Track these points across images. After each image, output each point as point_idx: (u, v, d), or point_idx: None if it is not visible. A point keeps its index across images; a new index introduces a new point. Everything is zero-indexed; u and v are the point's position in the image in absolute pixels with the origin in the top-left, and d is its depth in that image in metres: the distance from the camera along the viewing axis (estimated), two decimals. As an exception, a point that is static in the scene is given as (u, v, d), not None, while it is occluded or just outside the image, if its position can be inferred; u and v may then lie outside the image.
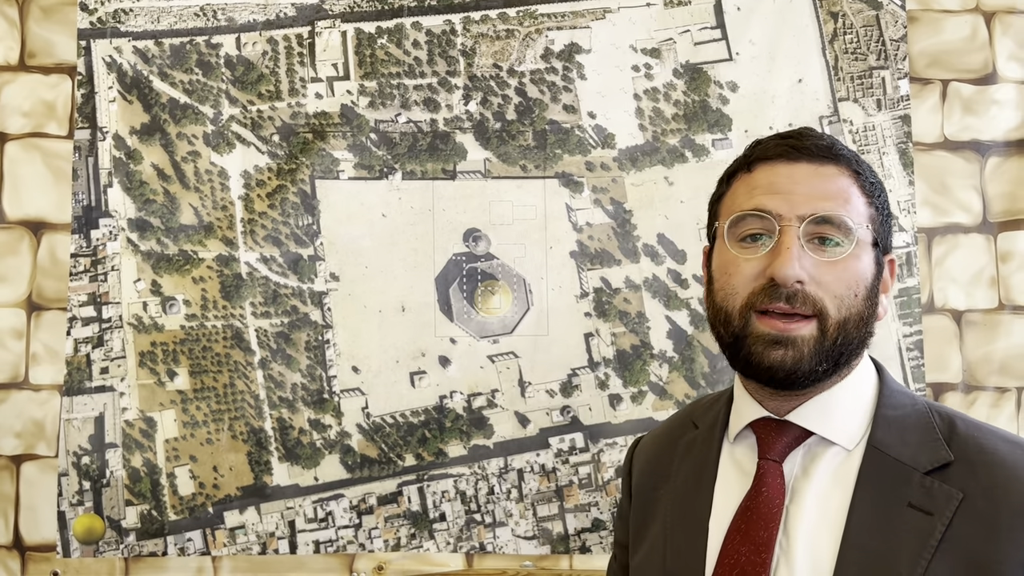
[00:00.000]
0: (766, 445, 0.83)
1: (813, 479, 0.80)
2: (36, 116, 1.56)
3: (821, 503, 0.79)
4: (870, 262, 0.81)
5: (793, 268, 0.77)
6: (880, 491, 0.77)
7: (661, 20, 1.57)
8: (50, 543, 1.51)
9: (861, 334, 0.80)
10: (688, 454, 0.91)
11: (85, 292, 1.54)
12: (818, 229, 0.79)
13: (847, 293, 0.79)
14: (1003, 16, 1.56)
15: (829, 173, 0.81)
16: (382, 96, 1.57)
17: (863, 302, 0.80)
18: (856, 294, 0.79)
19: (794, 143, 0.83)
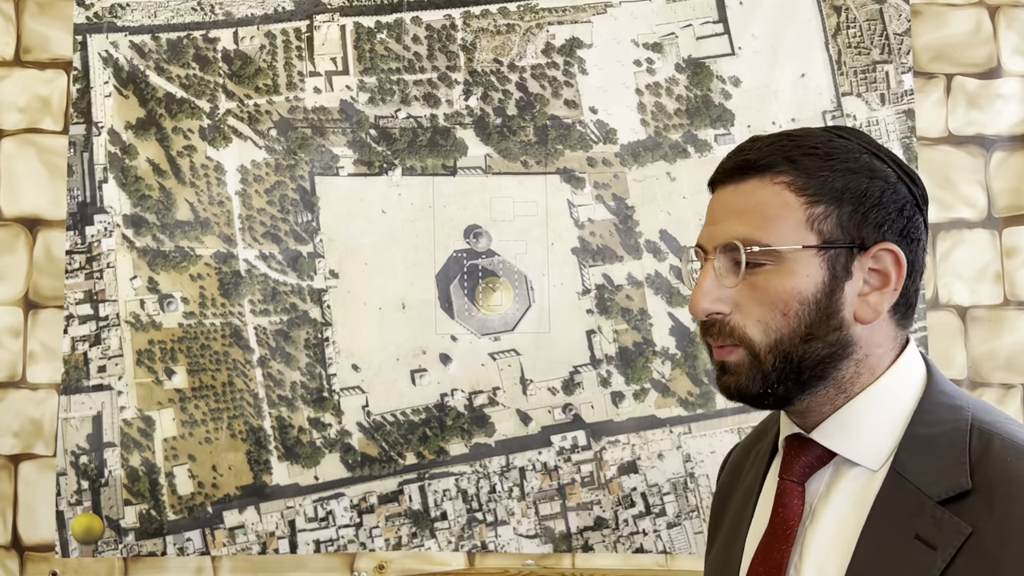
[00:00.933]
0: (787, 464, 0.80)
1: (832, 500, 0.77)
2: (31, 111, 1.54)
3: (837, 526, 0.76)
4: (811, 271, 0.75)
5: (701, 303, 0.77)
6: (892, 519, 0.72)
7: (663, 14, 1.56)
8: (49, 543, 1.50)
9: (815, 350, 0.75)
10: (752, 466, 0.90)
11: (81, 290, 1.53)
12: (733, 255, 0.76)
13: (771, 315, 0.75)
14: (1007, 10, 1.55)
15: (748, 190, 0.78)
16: (382, 91, 1.56)
17: (798, 319, 0.74)
18: (785, 313, 0.75)
19: (724, 163, 0.81)
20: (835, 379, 0.76)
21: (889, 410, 0.76)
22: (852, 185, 0.75)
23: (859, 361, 0.76)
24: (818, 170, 0.76)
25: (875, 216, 0.75)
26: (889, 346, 0.77)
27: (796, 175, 0.76)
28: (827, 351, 0.75)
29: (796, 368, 0.75)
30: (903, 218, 0.76)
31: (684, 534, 1.51)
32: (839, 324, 0.75)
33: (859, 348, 0.76)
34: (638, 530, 1.51)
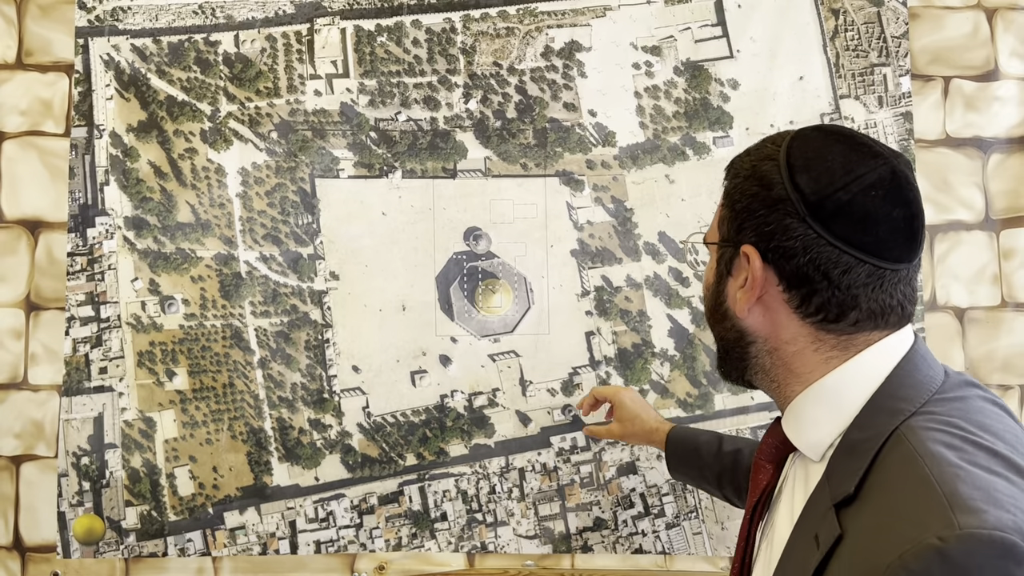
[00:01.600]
0: (761, 445, 0.89)
1: (789, 483, 0.85)
2: (33, 114, 1.55)
3: (789, 509, 0.82)
4: (713, 264, 0.87)
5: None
6: (809, 517, 0.76)
7: (662, 17, 1.56)
8: (50, 544, 1.50)
9: (719, 333, 0.87)
10: None
11: (83, 291, 1.53)
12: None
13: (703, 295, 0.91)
14: (1005, 12, 1.56)
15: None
16: (382, 94, 1.56)
17: (705, 303, 0.89)
18: (705, 296, 0.90)
19: None
20: (758, 366, 0.84)
21: (830, 408, 0.79)
22: (737, 192, 0.83)
23: (770, 352, 0.82)
24: (734, 176, 0.84)
25: (744, 219, 0.81)
26: (808, 345, 0.79)
27: (727, 181, 0.86)
28: (728, 335, 0.86)
29: (719, 348, 0.88)
30: (767, 223, 0.78)
31: (683, 535, 1.52)
32: (725, 314, 0.85)
33: (759, 339, 0.82)
34: (637, 531, 1.52)
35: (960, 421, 0.71)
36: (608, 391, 1.43)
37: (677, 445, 1.31)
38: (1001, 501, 0.62)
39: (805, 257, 0.76)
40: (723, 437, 1.28)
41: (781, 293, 0.79)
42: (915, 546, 0.61)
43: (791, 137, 0.81)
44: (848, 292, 0.76)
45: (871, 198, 0.75)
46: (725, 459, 1.25)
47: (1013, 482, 0.65)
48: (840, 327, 0.78)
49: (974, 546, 0.60)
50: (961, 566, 0.60)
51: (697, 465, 1.28)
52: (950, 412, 0.73)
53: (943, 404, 0.74)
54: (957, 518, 0.61)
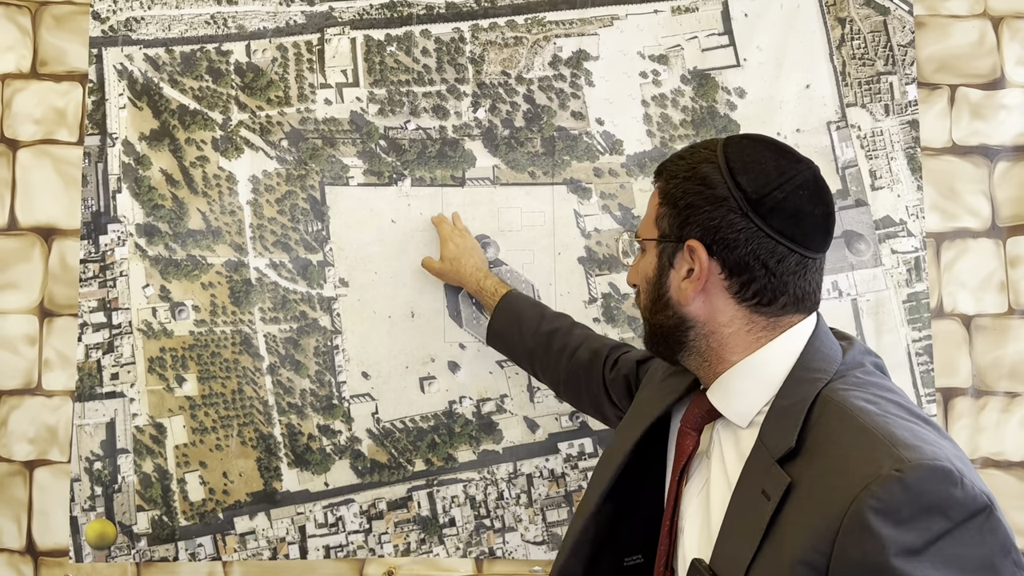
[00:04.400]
0: (687, 413, 0.97)
1: (719, 450, 0.93)
2: (47, 123, 1.57)
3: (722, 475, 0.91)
4: (652, 258, 0.95)
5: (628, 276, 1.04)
6: (751, 478, 0.85)
7: (668, 27, 1.57)
8: (63, 548, 1.52)
9: (660, 320, 0.94)
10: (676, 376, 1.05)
11: (95, 298, 1.55)
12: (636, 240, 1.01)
13: (641, 289, 0.98)
14: (1011, 21, 1.57)
15: (653, 191, 0.98)
16: (391, 103, 1.58)
17: (646, 295, 0.97)
18: (644, 289, 0.97)
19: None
20: (694, 348, 0.93)
21: (756, 380, 0.90)
22: (680, 191, 0.92)
23: (708, 335, 0.92)
24: (672, 178, 0.93)
25: (688, 216, 0.90)
26: (742, 327, 0.91)
27: (663, 183, 0.95)
28: (668, 323, 0.93)
29: (656, 333, 0.96)
30: (712, 218, 0.89)
31: (690, 541, 1.52)
32: (667, 303, 0.93)
33: (698, 324, 0.92)
34: (644, 537, 1.52)
35: (866, 383, 0.86)
36: (439, 224, 1.53)
37: (503, 310, 1.41)
38: (926, 439, 0.76)
39: (747, 248, 0.88)
40: (546, 313, 1.39)
41: (723, 281, 0.90)
42: (876, 479, 0.72)
43: (724, 144, 0.92)
44: (781, 279, 0.89)
45: (800, 196, 0.88)
46: (540, 337, 1.35)
47: (921, 425, 0.80)
48: (771, 310, 0.90)
49: (923, 473, 0.72)
50: (917, 490, 0.72)
51: (515, 335, 1.39)
52: (856, 377, 0.86)
53: (849, 372, 0.87)
54: (902, 453, 0.74)
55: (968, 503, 0.72)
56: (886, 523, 0.71)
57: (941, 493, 0.72)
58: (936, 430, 0.81)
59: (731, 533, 0.85)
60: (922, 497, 0.71)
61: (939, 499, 0.72)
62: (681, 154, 0.96)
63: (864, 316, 1.53)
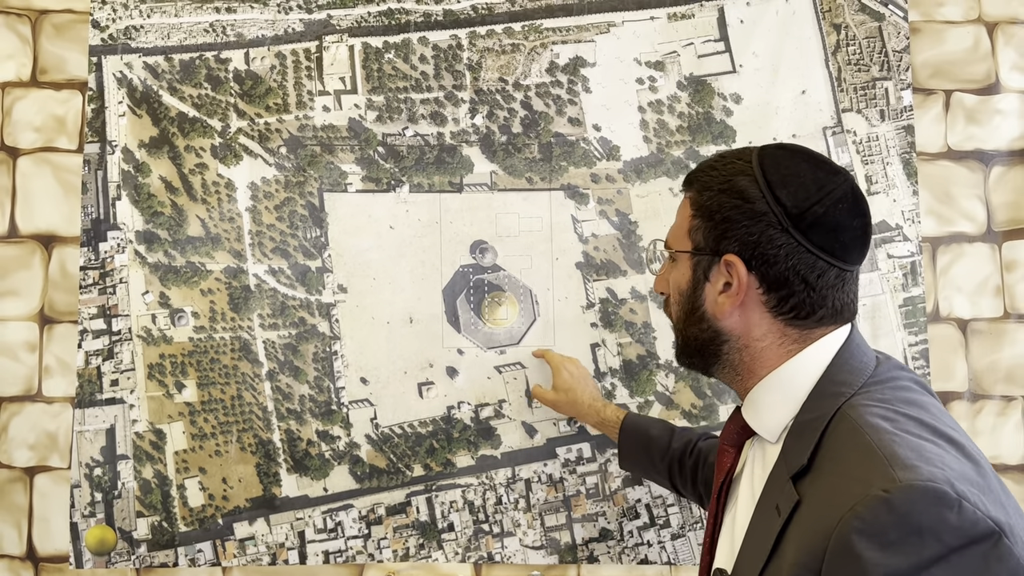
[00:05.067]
0: (724, 431, 0.98)
1: (749, 465, 0.93)
2: (47, 131, 1.58)
3: (750, 489, 0.91)
4: (685, 270, 0.94)
5: (655, 284, 1.04)
6: (771, 493, 0.85)
7: (665, 33, 1.58)
8: (63, 554, 1.52)
9: (693, 334, 0.94)
10: None
11: (95, 305, 1.55)
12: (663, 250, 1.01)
13: (673, 300, 0.98)
14: (1005, 26, 1.57)
15: (683, 200, 0.98)
16: (389, 110, 1.59)
17: (679, 307, 0.96)
18: (677, 300, 0.96)
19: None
20: (727, 362, 0.92)
21: (782, 395, 0.89)
22: (715, 204, 0.90)
23: (741, 349, 0.91)
24: (705, 190, 0.92)
25: (726, 230, 0.89)
26: (775, 340, 0.89)
27: (695, 193, 0.94)
28: (702, 336, 0.93)
29: (689, 346, 0.95)
30: (752, 233, 0.88)
31: (688, 545, 1.53)
32: (701, 316, 0.92)
33: (733, 338, 0.91)
34: (643, 541, 1.53)
35: (891, 398, 0.82)
36: (548, 355, 1.51)
37: (630, 435, 1.37)
38: (931, 459, 0.73)
39: (787, 263, 0.87)
40: (675, 429, 1.36)
41: (760, 296, 0.88)
42: (864, 498, 0.70)
43: (759, 154, 0.91)
44: (820, 293, 0.87)
45: (839, 210, 0.87)
46: (675, 452, 1.32)
47: (939, 444, 0.76)
48: (807, 323, 0.89)
49: (913, 495, 0.69)
50: (904, 512, 0.68)
51: (648, 457, 1.35)
52: (883, 392, 0.83)
53: (877, 385, 0.85)
54: (896, 473, 0.71)
55: (966, 528, 0.68)
56: (870, 545, 0.68)
57: (932, 516, 0.68)
58: (959, 450, 0.76)
59: (749, 546, 0.85)
60: (910, 519, 0.68)
61: (930, 522, 0.68)
62: (713, 164, 0.94)
63: (860, 320, 1.54)
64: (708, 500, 1.29)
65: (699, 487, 1.30)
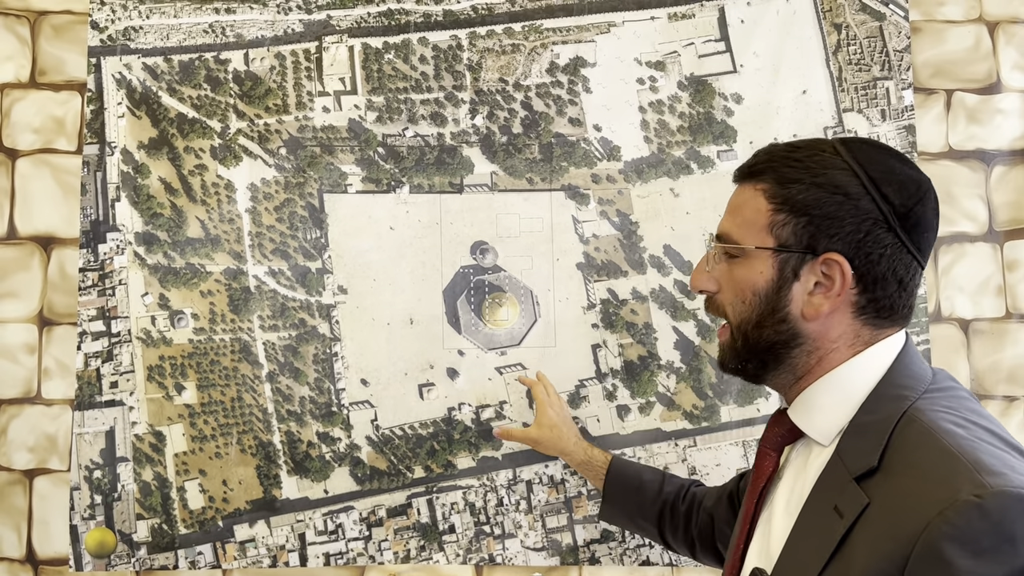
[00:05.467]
0: (765, 434, 0.94)
1: (792, 467, 0.90)
2: (46, 132, 1.57)
3: (790, 491, 0.87)
4: (764, 268, 0.86)
5: (693, 280, 0.95)
6: (824, 493, 0.81)
7: (665, 33, 1.58)
8: (62, 557, 1.52)
9: (765, 336, 0.87)
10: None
11: (94, 306, 1.55)
12: (720, 244, 0.91)
13: (736, 300, 0.89)
14: (1007, 26, 1.57)
15: (742, 192, 0.91)
16: (389, 110, 1.58)
17: (751, 308, 0.87)
18: (744, 300, 0.88)
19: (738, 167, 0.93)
20: (790, 365, 0.88)
21: (840, 396, 0.85)
22: (811, 198, 0.85)
23: (810, 352, 0.87)
24: (790, 182, 0.86)
25: (827, 227, 0.84)
26: (847, 341, 0.86)
27: (772, 185, 0.87)
28: (775, 338, 0.87)
29: (754, 349, 0.88)
30: (859, 232, 0.84)
31: (690, 547, 1.52)
32: (784, 317, 0.86)
33: (809, 340, 0.86)
34: (644, 543, 1.52)
35: (957, 406, 0.80)
36: (535, 390, 1.45)
37: (619, 479, 1.32)
38: (1014, 466, 0.71)
39: (888, 264, 0.84)
40: (666, 474, 1.33)
41: (853, 295, 0.85)
42: (953, 503, 0.67)
43: (846, 147, 0.87)
44: (909, 293, 0.86)
45: (931, 210, 0.86)
46: (668, 496, 1.28)
47: (1013, 454, 0.75)
48: (881, 324, 0.86)
49: (1007, 501, 0.67)
50: (997, 519, 0.67)
51: (638, 502, 1.30)
52: (947, 399, 0.81)
53: (939, 393, 0.82)
54: (985, 479, 0.68)
55: None
56: (962, 553, 0.66)
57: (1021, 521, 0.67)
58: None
59: (797, 548, 0.81)
60: (1003, 526, 0.66)
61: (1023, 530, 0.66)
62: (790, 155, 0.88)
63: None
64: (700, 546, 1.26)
65: (692, 533, 1.27)
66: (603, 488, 1.34)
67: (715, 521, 1.23)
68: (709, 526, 1.25)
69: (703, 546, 1.27)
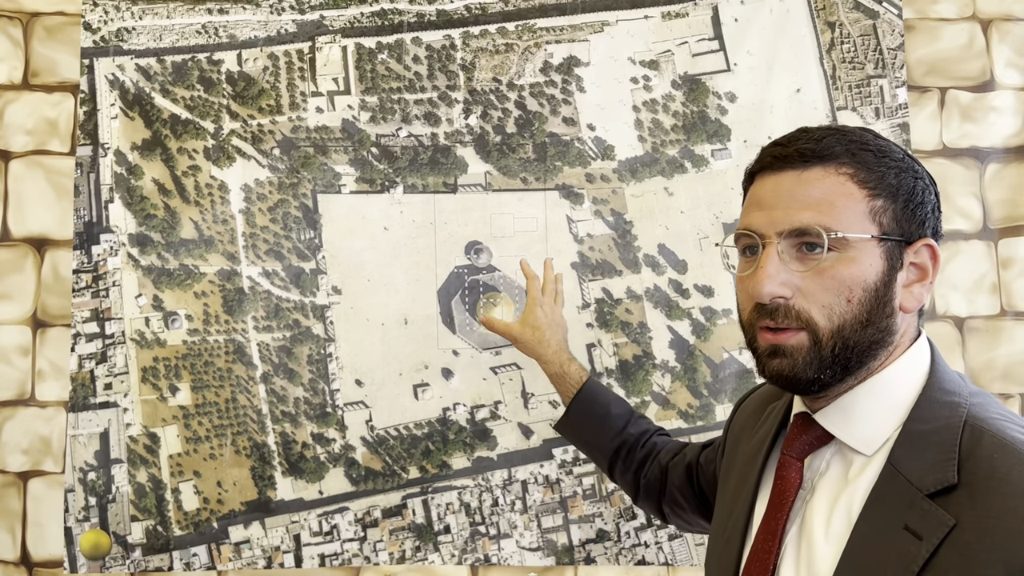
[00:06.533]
0: (789, 440, 0.85)
1: (829, 479, 0.81)
2: (39, 134, 1.57)
3: (831, 505, 0.80)
4: (873, 260, 0.77)
5: (766, 287, 0.78)
6: (885, 510, 0.75)
7: (659, 32, 1.58)
8: (57, 559, 1.51)
9: (867, 336, 0.78)
10: (765, 422, 0.95)
11: (88, 308, 1.55)
12: (800, 240, 0.79)
13: (836, 300, 0.78)
14: (1000, 23, 1.57)
15: (813, 177, 0.79)
16: (383, 110, 1.58)
17: (860, 305, 0.77)
18: (849, 299, 0.77)
19: (780, 151, 0.82)
20: (866, 368, 0.79)
21: (886, 401, 0.79)
22: (904, 183, 0.79)
23: (891, 351, 0.79)
24: (876, 165, 0.79)
25: (920, 213, 0.79)
26: (909, 338, 0.81)
27: (857, 168, 0.78)
28: (877, 337, 0.78)
29: (849, 353, 0.78)
30: (935, 217, 0.81)
31: (685, 546, 1.52)
32: (891, 311, 0.78)
33: (895, 337, 0.79)
34: (640, 542, 1.52)
35: (1006, 412, 0.76)
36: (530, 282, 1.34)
37: (587, 401, 1.26)
38: None
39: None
40: (634, 413, 1.27)
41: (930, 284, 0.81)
42: None
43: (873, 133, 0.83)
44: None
45: None
46: (630, 437, 1.23)
47: None
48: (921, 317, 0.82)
49: None
50: None
51: (598, 430, 1.25)
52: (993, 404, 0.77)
53: (980, 397, 0.78)
54: None
55: None
56: None
57: None
58: None
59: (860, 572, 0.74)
60: None
61: None
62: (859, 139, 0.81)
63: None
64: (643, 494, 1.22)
65: (640, 479, 1.23)
66: (568, 405, 1.27)
67: (667, 481, 1.20)
68: (658, 480, 1.22)
69: (647, 495, 1.23)
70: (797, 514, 0.82)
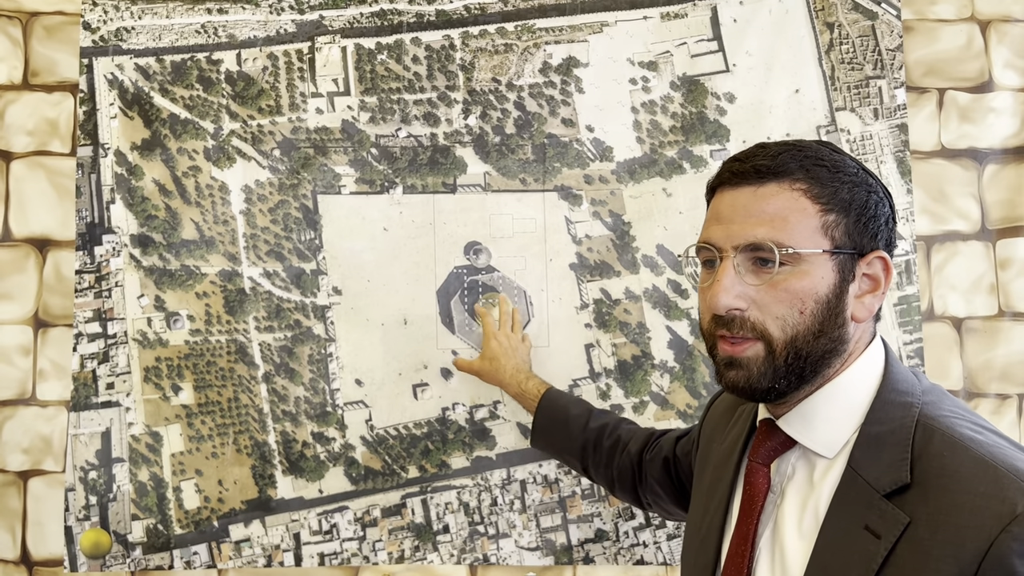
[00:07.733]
0: (756, 447, 0.89)
1: (797, 483, 0.85)
2: (40, 134, 1.57)
3: (801, 508, 0.83)
4: (825, 273, 0.81)
5: (722, 299, 0.81)
6: (847, 511, 0.78)
7: (658, 33, 1.58)
8: (57, 558, 1.52)
9: (820, 346, 0.81)
10: (736, 424, 0.97)
11: (90, 308, 1.55)
12: (754, 254, 0.82)
13: (790, 312, 0.80)
14: (998, 24, 1.57)
15: (768, 193, 0.82)
16: (382, 111, 1.58)
17: (813, 316, 0.80)
18: (802, 311, 0.80)
19: (737, 167, 0.85)
20: (821, 376, 0.83)
21: (843, 405, 0.83)
22: (857, 197, 0.82)
23: (843, 359, 0.83)
24: (830, 181, 0.82)
25: (872, 226, 0.83)
26: (863, 344, 0.84)
27: (811, 183, 0.82)
28: (829, 347, 0.81)
29: (803, 363, 0.81)
30: (888, 229, 0.85)
31: (684, 545, 1.53)
32: (843, 322, 0.81)
33: (848, 345, 0.83)
34: (638, 542, 1.53)
35: (958, 409, 0.80)
36: (485, 320, 1.49)
37: (547, 411, 1.35)
38: None
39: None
40: (593, 409, 1.33)
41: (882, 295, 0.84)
42: (1016, 518, 0.67)
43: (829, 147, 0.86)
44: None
45: None
46: (592, 433, 1.29)
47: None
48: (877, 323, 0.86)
49: None
50: None
51: (565, 435, 1.32)
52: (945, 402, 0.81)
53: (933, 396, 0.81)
54: None
55: None
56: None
57: None
58: None
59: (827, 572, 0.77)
60: None
61: None
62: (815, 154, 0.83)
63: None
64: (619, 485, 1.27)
65: (612, 471, 1.28)
66: (532, 420, 1.38)
67: (643, 471, 1.24)
68: (630, 469, 1.25)
69: (621, 486, 1.28)
70: (769, 517, 0.85)
